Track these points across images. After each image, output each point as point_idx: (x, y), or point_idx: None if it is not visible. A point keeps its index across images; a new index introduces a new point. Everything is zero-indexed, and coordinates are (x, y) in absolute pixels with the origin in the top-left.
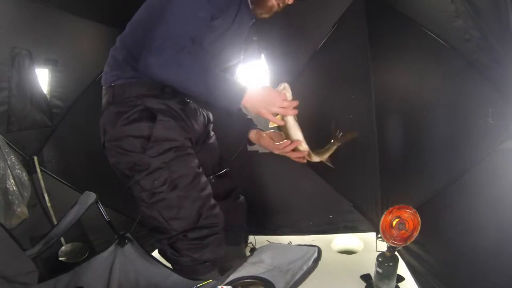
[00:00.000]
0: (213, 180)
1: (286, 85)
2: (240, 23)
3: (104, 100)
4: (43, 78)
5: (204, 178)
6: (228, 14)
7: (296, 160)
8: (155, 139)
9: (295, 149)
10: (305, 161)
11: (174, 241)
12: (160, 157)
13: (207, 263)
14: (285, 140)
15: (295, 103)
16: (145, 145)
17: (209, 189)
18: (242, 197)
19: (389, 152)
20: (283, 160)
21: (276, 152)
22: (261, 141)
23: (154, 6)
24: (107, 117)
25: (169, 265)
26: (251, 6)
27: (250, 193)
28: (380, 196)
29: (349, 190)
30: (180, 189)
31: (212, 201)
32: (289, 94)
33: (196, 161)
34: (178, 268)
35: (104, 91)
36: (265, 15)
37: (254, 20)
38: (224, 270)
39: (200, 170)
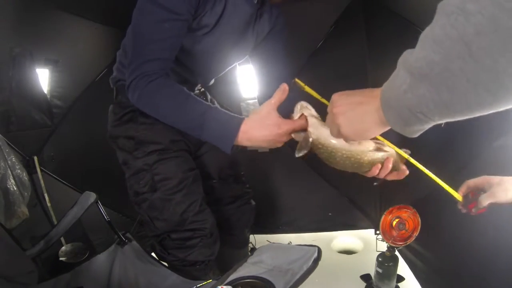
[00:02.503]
0: (217, 184)
1: (303, 104)
2: (232, 16)
3: None
4: (43, 78)
5: (195, 182)
6: (208, 9)
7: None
8: (139, 141)
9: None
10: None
11: (161, 239)
12: (144, 159)
13: (198, 266)
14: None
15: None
16: (132, 146)
17: (198, 194)
18: (252, 203)
19: None
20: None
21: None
22: None
23: (133, 17)
24: (108, 116)
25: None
26: None
27: None
28: (379, 193)
29: (348, 187)
30: (162, 191)
31: (200, 206)
32: (308, 113)
33: (188, 164)
34: (170, 266)
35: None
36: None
37: (258, 8)
38: (226, 271)
39: (193, 173)
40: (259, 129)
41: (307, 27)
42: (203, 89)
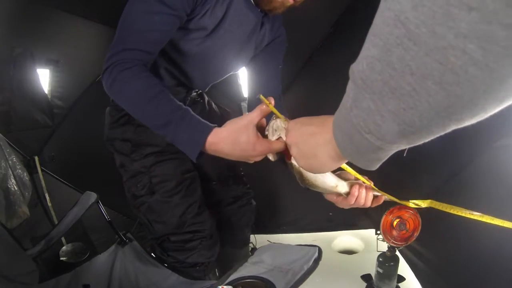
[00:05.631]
0: (217, 186)
1: (279, 125)
2: (234, 23)
3: None
4: (44, 78)
5: (193, 184)
6: (207, 10)
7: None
8: (136, 144)
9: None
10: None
11: (161, 241)
12: (142, 161)
13: (199, 268)
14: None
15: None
16: (129, 148)
17: (196, 196)
18: (253, 203)
19: None
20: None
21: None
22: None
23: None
24: (105, 118)
25: None
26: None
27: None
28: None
29: None
30: (160, 194)
31: (199, 208)
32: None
33: (185, 166)
34: (169, 267)
35: None
36: (278, 11)
37: (262, 16)
38: (226, 271)
39: (190, 175)
40: (230, 144)
41: (307, 27)
42: (200, 91)
